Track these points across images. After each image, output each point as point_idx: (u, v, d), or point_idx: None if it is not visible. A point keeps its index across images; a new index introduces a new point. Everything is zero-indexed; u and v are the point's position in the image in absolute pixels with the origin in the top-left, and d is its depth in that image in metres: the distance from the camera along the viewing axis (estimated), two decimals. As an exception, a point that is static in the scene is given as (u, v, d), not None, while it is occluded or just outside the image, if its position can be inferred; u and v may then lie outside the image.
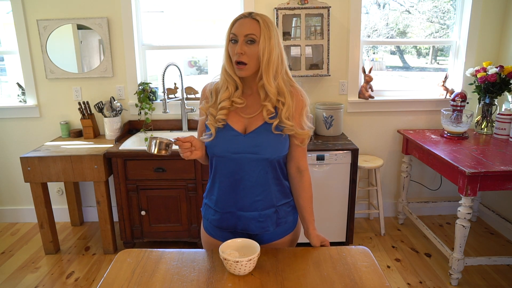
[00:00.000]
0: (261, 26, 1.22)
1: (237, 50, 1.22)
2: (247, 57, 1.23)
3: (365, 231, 3.09)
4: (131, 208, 2.68)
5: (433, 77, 3.28)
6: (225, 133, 1.31)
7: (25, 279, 2.51)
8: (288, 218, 1.42)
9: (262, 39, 1.22)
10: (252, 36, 1.22)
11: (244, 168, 1.31)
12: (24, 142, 3.13)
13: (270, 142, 1.29)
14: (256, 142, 1.29)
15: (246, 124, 1.32)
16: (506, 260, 2.42)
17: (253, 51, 1.23)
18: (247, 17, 1.24)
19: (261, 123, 1.30)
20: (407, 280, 2.45)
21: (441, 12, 3.15)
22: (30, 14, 2.88)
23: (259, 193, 1.35)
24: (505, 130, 2.69)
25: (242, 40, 1.22)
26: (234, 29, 1.24)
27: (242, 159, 1.30)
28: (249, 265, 1.18)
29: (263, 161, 1.31)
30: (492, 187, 2.18)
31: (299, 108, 1.32)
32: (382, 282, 1.17)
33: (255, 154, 1.29)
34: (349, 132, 3.12)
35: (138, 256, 1.31)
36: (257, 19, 1.23)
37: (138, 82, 3.02)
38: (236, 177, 1.33)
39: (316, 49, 2.89)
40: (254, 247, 1.22)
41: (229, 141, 1.30)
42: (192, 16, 3.13)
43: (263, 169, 1.32)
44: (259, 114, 1.31)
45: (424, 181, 3.27)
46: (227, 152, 1.30)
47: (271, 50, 1.23)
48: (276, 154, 1.31)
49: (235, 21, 1.26)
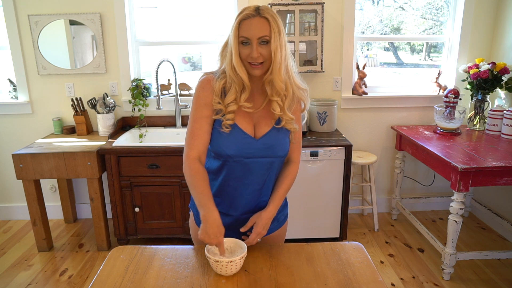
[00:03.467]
0: (271, 24, 1.18)
1: (254, 54, 1.19)
2: (262, 58, 1.21)
3: (358, 226, 3.11)
4: (124, 205, 2.67)
5: (426, 74, 3.29)
6: (236, 135, 1.27)
7: (18, 277, 2.49)
8: (282, 213, 1.45)
9: (273, 38, 1.19)
10: (265, 37, 1.19)
11: (255, 172, 1.31)
12: (16, 139, 3.10)
13: (280, 141, 1.30)
14: (269, 144, 1.29)
15: (254, 123, 1.30)
16: (497, 254, 2.45)
17: (268, 51, 1.20)
18: (256, 16, 1.18)
19: (271, 127, 1.29)
20: (400, 275, 2.47)
21: (434, 9, 3.16)
22: (21, 9, 2.85)
23: (265, 194, 1.36)
24: (497, 126, 2.72)
25: (257, 43, 1.19)
26: (244, 31, 1.19)
27: (254, 163, 1.29)
28: (231, 267, 1.16)
29: (274, 161, 1.31)
30: (484, 182, 2.20)
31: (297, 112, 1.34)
32: (375, 277, 1.18)
33: (268, 158, 1.29)
34: (343, 128, 3.13)
35: (131, 253, 1.31)
36: (266, 17, 1.18)
37: (132, 78, 3.00)
38: (244, 181, 1.32)
39: (310, 45, 2.89)
40: (242, 247, 1.22)
41: (241, 145, 1.27)
42: (186, 12, 3.11)
43: (271, 170, 1.33)
44: (264, 109, 1.30)
45: (417, 177, 3.30)
46: (241, 157, 1.28)
47: (282, 46, 1.21)
48: (285, 151, 1.33)
49: (242, 20, 1.19)
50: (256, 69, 1.23)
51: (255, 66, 1.22)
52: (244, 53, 1.21)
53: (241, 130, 1.27)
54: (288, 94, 1.27)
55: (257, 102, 1.31)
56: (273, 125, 1.30)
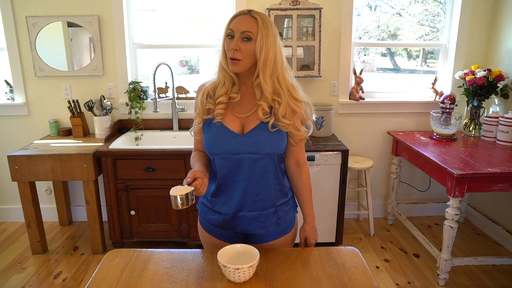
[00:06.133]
0: (259, 24, 1.21)
1: (232, 46, 1.22)
2: (241, 54, 1.22)
3: (354, 231, 3.11)
4: (120, 208, 2.66)
5: (423, 80, 3.31)
6: (222, 134, 1.30)
7: (12, 280, 2.47)
8: (287, 217, 1.44)
9: (260, 38, 1.21)
10: (248, 33, 1.21)
11: (245, 169, 1.32)
12: (11, 140, 3.08)
13: (269, 139, 1.30)
14: (255, 141, 1.29)
15: (242, 123, 1.32)
16: (492, 260, 2.46)
17: (248, 49, 1.22)
18: (246, 14, 1.24)
19: (258, 123, 1.30)
20: (395, 280, 2.47)
21: (431, 15, 3.19)
22: (18, 10, 2.84)
23: (259, 193, 1.35)
24: (492, 132, 2.73)
25: (238, 37, 1.22)
26: (232, 25, 1.24)
27: (243, 159, 1.31)
28: (239, 273, 1.14)
29: (264, 159, 1.31)
30: (480, 188, 2.21)
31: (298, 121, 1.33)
32: (370, 283, 1.18)
33: (255, 154, 1.30)
34: (339, 133, 3.14)
35: (127, 256, 1.30)
36: (255, 17, 1.22)
37: (129, 81, 3.00)
38: (236, 178, 1.33)
39: (308, 50, 2.90)
40: (254, 253, 1.19)
41: (227, 142, 1.30)
42: (184, 15, 3.12)
43: (264, 168, 1.33)
44: (254, 113, 1.30)
45: (413, 183, 3.31)
46: (227, 154, 1.31)
47: (268, 49, 1.22)
48: (275, 150, 1.32)
49: (234, 17, 1.26)
50: (233, 65, 1.24)
51: (232, 61, 1.24)
52: (227, 46, 1.25)
53: (226, 128, 1.30)
54: (282, 101, 1.27)
55: (248, 106, 1.32)
56: (260, 121, 1.29)
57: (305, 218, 1.49)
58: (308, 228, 1.47)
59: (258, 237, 1.40)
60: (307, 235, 1.47)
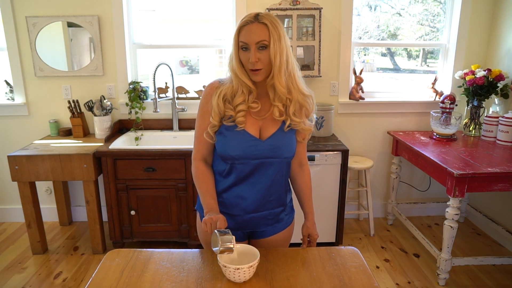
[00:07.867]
0: (269, 29, 1.20)
1: (252, 59, 1.20)
2: (261, 63, 1.22)
3: (354, 231, 3.11)
4: (120, 208, 2.66)
5: (423, 79, 3.31)
6: (243, 139, 1.30)
7: (12, 280, 2.47)
8: (290, 214, 1.50)
9: (272, 42, 1.20)
10: (263, 42, 1.20)
11: (263, 172, 1.33)
12: (11, 140, 3.08)
13: (287, 142, 1.33)
14: (275, 145, 1.31)
15: (260, 126, 1.32)
16: (492, 260, 2.46)
17: (266, 56, 1.22)
18: (254, 22, 1.21)
19: (277, 127, 1.31)
20: (395, 280, 2.47)
21: (431, 15, 3.18)
22: (18, 10, 2.84)
23: (272, 194, 1.38)
24: (492, 132, 2.73)
25: (255, 48, 1.21)
26: (243, 36, 1.22)
27: (261, 163, 1.32)
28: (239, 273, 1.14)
29: (281, 162, 1.35)
30: (480, 188, 2.21)
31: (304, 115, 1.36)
32: (371, 283, 1.18)
33: (275, 158, 1.32)
34: (339, 133, 3.14)
35: (127, 256, 1.30)
36: (264, 23, 1.20)
37: (129, 81, 3.00)
38: (251, 180, 1.34)
39: (308, 50, 2.90)
40: (254, 253, 1.20)
41: (249, 147, 1.30)
42: (184, 15, 3.12)
43: (280, 171, 1.36)
44: (270, 114, 1.32)
45: (413, 182, 3.31)
46: (247, 158, 1.31)
47: (282, 51, 1.22)
48: (292, 153, 1.36)
49: (242, 27, 1.22)
50: (255, 75, 1.24)
51: (254, 72, 1.24)
52: (244, 58, 1.24)
53: (247, 133, 1.30)
54: (293, 98, 1.29)
55: (264, 107, 1.33)
56: (279, 126, 1.32)
57: (307, 216, 1.51)
58: (310, 224, 1.49)
59: (261, 233, 1.43)
60: (310, 232, 1.49)
